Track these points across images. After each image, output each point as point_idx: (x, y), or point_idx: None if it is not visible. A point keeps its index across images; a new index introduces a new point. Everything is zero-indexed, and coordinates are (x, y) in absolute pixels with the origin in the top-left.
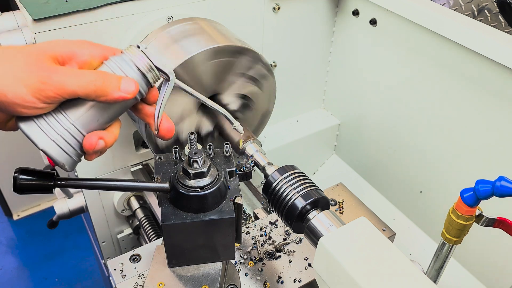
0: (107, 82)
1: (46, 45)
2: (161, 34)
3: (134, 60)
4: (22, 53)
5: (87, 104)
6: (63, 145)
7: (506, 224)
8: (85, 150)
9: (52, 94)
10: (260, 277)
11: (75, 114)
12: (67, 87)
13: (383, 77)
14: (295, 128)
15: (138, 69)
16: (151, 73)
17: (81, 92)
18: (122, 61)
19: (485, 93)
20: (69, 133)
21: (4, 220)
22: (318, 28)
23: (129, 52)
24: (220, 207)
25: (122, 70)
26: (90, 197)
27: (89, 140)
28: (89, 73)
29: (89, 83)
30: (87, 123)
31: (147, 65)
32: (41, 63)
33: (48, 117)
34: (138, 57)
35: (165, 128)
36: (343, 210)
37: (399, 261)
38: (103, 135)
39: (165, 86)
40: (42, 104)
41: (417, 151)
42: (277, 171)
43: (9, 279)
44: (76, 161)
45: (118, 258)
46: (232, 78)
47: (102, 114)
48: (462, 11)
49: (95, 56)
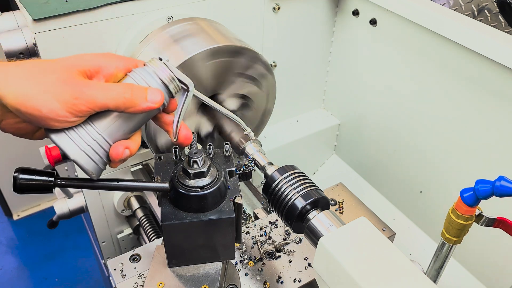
0: (135, 94)
1: (74, 59)
2: (161, 34)
3: (157, 72)
4: (53, 69)
5: (113, 115)
6: (91, 155)
7: (506, 224)
8: (111, 159)
9: (84, 108)
10: (260, 277)
11: (102, 125)
12: (98, 101)
13: (383, 77)
14: (295, 128)
15: (161, 80)
16: (172, 84)
17: (112, 104)
18: (146, 73)
19: (485, 93)
20: (97, 143)
21: (4, 220)
22: (318, 28)
23: (152, 64)
24: (220, 207)
25: (146, 81)
26: (90, 197)
27: (116, 149)
28: (117, 86)
29: (119, 96)
30: (114, 133)
31: (169, 77)
32: (72, 78)
33: (78, 128)
34: (160, 69)
35: (183, 136)
36: (343, 210)
37: (399, 261)
38: (128, 144)
39: (183, 96)
40: (74, 118)
41: (417, 151)
42: (277, 171)
43: (9, 279)
44: (102, 169)
45: (118, 258)
46: (231, 78)
47: (128, 124)
48: (462, 11)
49: (120, 68)
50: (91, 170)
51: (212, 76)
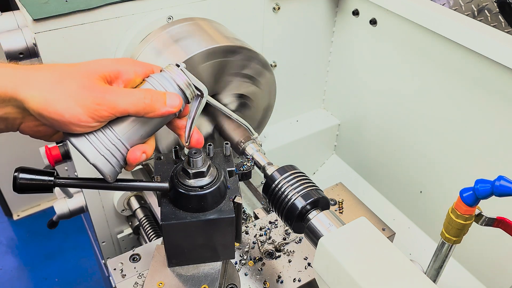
0: (155, 99)
1: (94, 64)
2: (161, 34)
3: (174, 77)
4: (74, 74)
5: (131, 120)
6: (110, 159)
7: (506, 223)
8: (129, 163)
9: (106, 113)
10: (260, 276)
11: (121, 129)
12: (119, 106)
13: (383, 77)
14: (295, 128)
15: (178, 86)
16: (189, 89)
17: (132, 110)
18: (163, 78)
19: (485, 93)
20: (116, 148)
21: (4, 220)
22: (318, 28)
23: (169, 70)
24: (220, 207)
25: (164, 87)
26: (90, 197)
27: (133, 154)
28: (138, 92)
29: (139, 101)
30: (131, 137)
31: (186, 82)
32: (94, 84)
33: (98, 133)
34: (177, 75)
35: (195, 140)
36: (342, 209)
37: (399, 261)
38: (145, 148)
39: (197, 101)
40: (95, 123)
41: (417, 151)
42: (277, 171)
43: (9, 279)
44: (118, 172)
45: (118, 257)
46: (229, 77)
47: (145, 129)
48: (462, 11)
49: (138, 74)
50: (109, 174)
51: (212, 76)
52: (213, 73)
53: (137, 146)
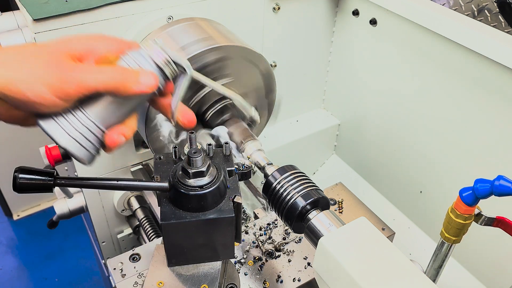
0: (127, 77)
1: (64, 42)
2: (161, 34)
3: (151, 54)
4: (40, 52)
5: (105, 100)
6: (83, 142)
7: (505, 223)
8: (107, 146)
9: (72, 91)
10: (260, 276)
11: (93, 110)
12: (87, 84)
13: (383, 77)
14: (295, 128)
15: (155, 63)
16: (168, 67)
17: (102, 87)
18: (140, 56)
19: (485, 93)
20: (89, 130)
21: (4, 220)
22: (318, 28)
23: (146, 46)
24: (220, 206)
25: (140, 65)
26: (90, 197)
27: (111, 137)
28: (108, 69)
29: (109, 79)
30: (106, 118)
31: (164, 60)
32: (60, 61)
33: (68, 114)
34: (155, 52)
35: (186, 118)
36: (342, 209)
37: (399, 261)
38: (123, 130)
39: (181, 78)
40: (61, 102)
41: (417, 151)
42: (277, 171)
43: (9, 279)
44: (95, 155)
45: (117, 257)
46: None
47: (120, 109)
48: (462, 11)
49: (111, 50)
50: (83, 158)
51: (212, 76)
52: (213, 73)
53: (114, 128)
